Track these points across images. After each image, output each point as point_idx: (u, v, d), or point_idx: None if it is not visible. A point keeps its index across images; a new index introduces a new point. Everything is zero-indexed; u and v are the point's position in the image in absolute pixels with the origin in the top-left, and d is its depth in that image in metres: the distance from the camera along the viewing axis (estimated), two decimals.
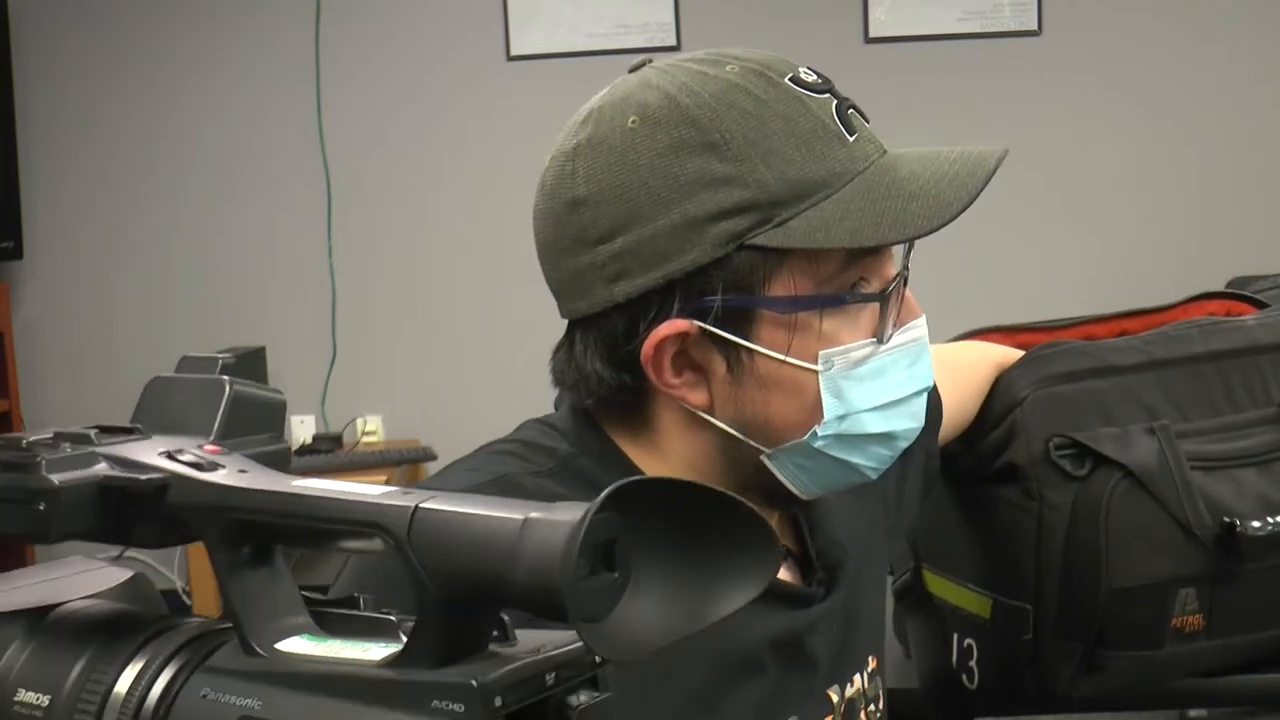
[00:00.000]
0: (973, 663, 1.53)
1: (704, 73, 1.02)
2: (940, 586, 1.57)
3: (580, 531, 0.50)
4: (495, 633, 0.56)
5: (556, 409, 1.13)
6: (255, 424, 0.68)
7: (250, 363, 4.29)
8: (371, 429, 4.56)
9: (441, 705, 0.52)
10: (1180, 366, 1.49)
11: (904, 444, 1.08)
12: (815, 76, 1.04)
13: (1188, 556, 1.41)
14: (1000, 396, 1.46)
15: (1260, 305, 1.63)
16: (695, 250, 0.99)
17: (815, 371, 1.02)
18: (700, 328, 1.01)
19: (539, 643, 0.55)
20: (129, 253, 4.57)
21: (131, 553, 0.78)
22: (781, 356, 1.02)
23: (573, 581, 0.50)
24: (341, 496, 0.56)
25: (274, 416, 0.70)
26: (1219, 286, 1.77)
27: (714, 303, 1.00)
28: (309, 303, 4.55)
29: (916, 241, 1.03)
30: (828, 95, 1.03)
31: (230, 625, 0.59)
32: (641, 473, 1.08)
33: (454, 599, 0.53)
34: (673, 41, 4.40)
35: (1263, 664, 1.53)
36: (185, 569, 4.26)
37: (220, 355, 0.70)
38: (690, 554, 0.55)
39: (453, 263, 4.52)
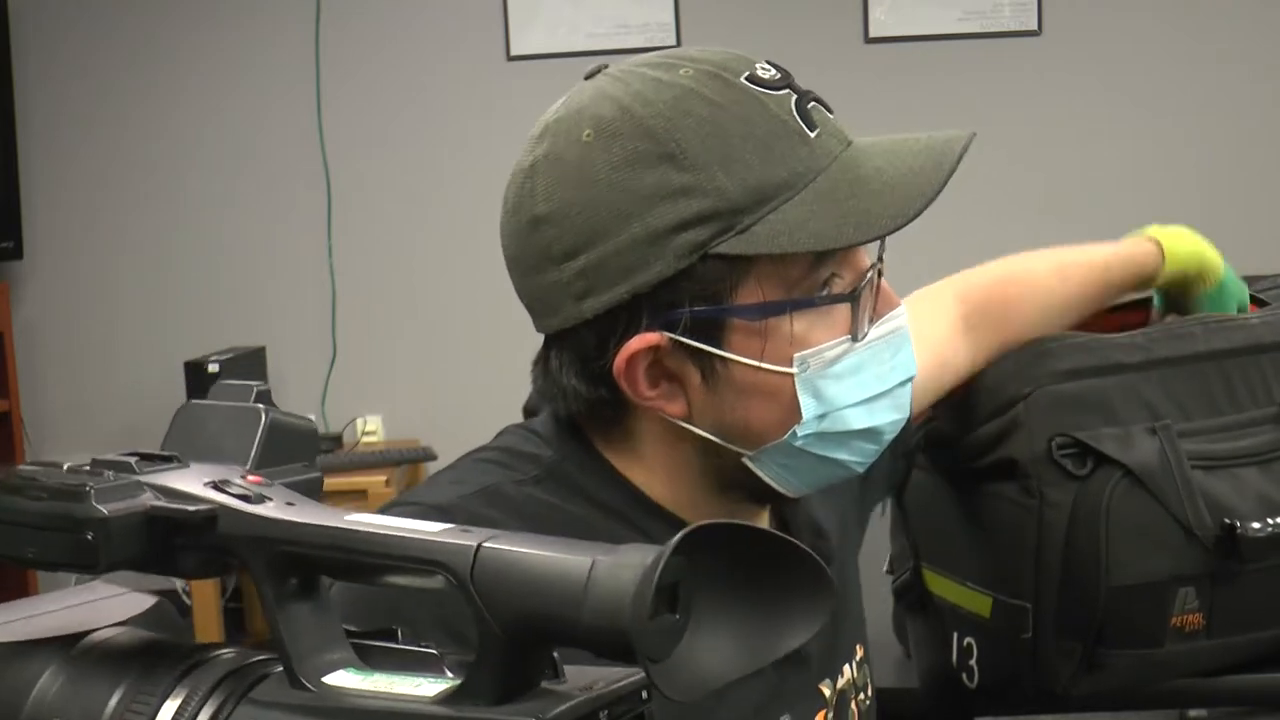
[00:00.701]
0: (972, 661, 1.53)
1: (658, 79, 1.00)
2: (940, 585, 1.57)
3: (655, 574, 0.51)
4: (546, 670, 0.56)
5: (532, 412, 1.13)
6: (290, 453, 0.68)
7: (250, 363, 4.29)
8: (371, 429, 4.55)
9: None
10: (1182, 365, 1.49)
11: (889, 436, 1.07)
12: (773, 72, 1.02)
13: (1188, 556, 1.41)
14: (1002, 386, 1.45)
15: (1261, 303, 1.63)
16: (659, 263, 0.98)
17: (791, 374, 1.01)
18: (671, 339, 1.00)
19: (589, 680, 0.55)
20: (129, 253, 4.57)
21: None
22: (755, 363, 1.01)
23: (642, 623, 0.51)
24: (397, 533, 0.56)
25: (307, 445, 0.69)
26: None
27: (683, 314, 0.99)
28: (309, 303, 4.55)
29: (896, 232, 1.01)
30: (786, 91, 1.01)
31: (268, 657, 0.59)
32: (625, 480, 1.08)
33: (514, 637, 0.53)
34: (673, 41, 4.39)
35: (1263, 663, 1.53)
36: None
37: (254, 383, 0.69)
38: (746, 595, 0.55)
39: (453, 263, 4.52)
